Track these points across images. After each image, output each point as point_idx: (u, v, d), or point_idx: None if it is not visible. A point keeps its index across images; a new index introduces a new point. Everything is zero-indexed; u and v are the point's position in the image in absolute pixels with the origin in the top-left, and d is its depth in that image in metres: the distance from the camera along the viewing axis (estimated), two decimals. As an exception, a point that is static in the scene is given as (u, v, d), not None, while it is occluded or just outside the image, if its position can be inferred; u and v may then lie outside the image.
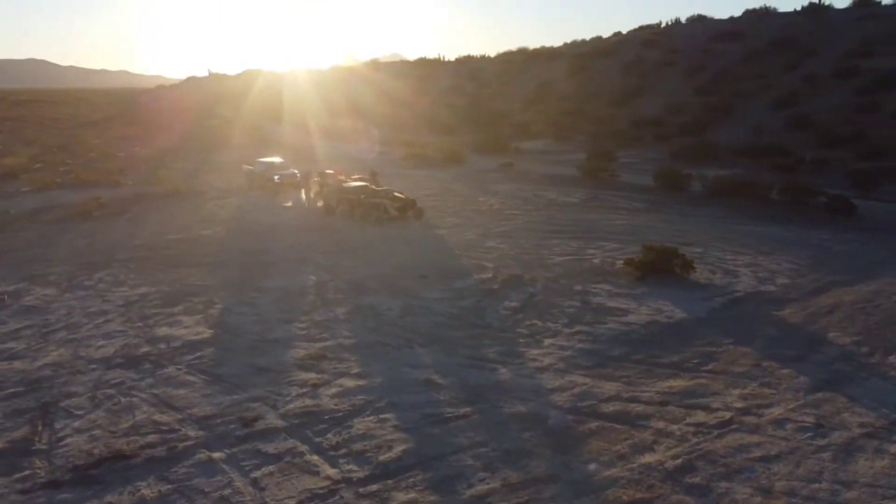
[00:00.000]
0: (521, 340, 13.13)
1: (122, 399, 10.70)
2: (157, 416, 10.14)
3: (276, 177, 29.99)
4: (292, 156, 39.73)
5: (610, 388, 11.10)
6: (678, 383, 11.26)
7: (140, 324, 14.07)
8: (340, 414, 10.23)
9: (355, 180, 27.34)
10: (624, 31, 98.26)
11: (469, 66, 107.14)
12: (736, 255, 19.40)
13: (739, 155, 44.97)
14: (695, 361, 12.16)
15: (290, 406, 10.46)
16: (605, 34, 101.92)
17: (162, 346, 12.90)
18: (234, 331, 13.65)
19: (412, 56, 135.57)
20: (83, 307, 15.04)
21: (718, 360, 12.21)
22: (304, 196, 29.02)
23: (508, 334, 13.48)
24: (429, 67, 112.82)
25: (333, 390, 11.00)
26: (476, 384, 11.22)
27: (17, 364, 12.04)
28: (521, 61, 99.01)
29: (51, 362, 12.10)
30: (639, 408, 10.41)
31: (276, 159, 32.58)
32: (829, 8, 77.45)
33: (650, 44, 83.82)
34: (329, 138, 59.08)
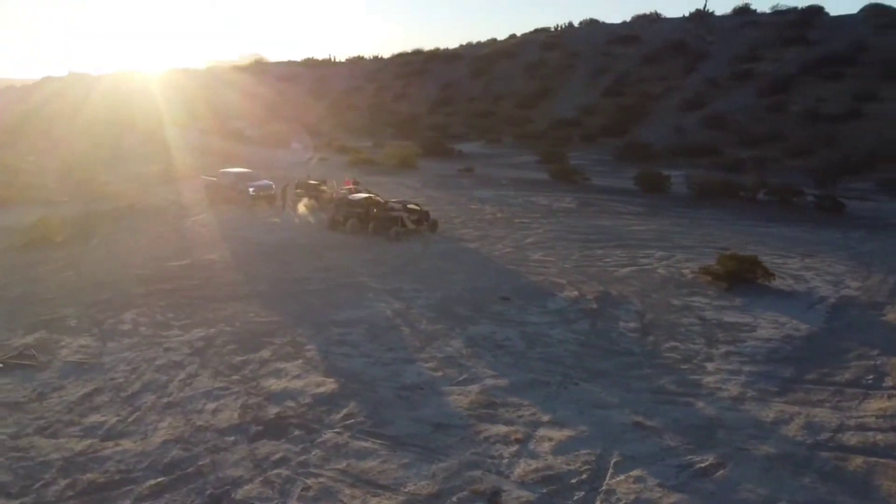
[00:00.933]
0: (683, 367, 12.20)
1: (308, 481, 8.66)
2: (375, 502, 8.25)
3: (250, 189, 27.16)
4: (223, 164, 36.53)
5: (825, 415, 10.42)
6: (883, 404, 10.78)
7: (236, 377, 11.73)
8: (584, 476, 8.81)
9: (353, 191, 25.41)
10: (518, 34, 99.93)
11: (362, 68, 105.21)
12: (784, 259, 19.57)
13: (675, 155, 46.60)
14: (870, 378, 11.78)
15: (518, 470, 8.89)
16: (500, 36, 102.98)
17: (290, 403, 10.76)
18: (357, 378, 11.69)
19: (272, 58, 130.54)
20: (146, 360, 12.38)
21: (890, 374, 11.91)
22: (296, 210, 26.53)
23: (661, 360, 12.51)
24: (320, 68, 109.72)
25: (546, 445, 9.53)
26: (690, 423, 10.15)
27: (128, 444, 9.52)
28: (420, 62, 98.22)
29: (170, 438, 9.68)
30: (879, 436, 9.79)
31: (244, 170, 29.60)
32: (712, 15, 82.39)
33: (550, 46, 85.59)
34: (252, 144, 55.29)
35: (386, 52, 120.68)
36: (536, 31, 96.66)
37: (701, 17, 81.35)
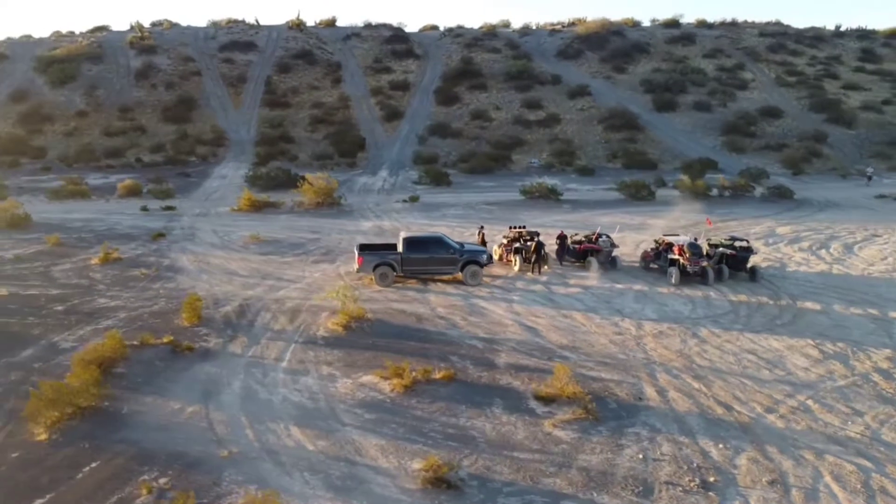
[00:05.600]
0: None
1: None
2: None
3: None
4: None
5: None
6: None
7: None
8: None
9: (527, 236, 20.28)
10: (63, 31, 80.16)
11: None
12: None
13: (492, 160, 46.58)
14: None
15: None
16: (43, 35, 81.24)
17: None
18: None
19: None
20: None
21: None
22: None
23: None
24: None
25: None
26: None
27: None
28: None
29: None
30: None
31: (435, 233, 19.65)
32: (306, 25, 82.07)
33: (148, 49, 72.20)
34: None
35: None
36: (98, 28, 79.36)
37: (300, 27, 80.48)
